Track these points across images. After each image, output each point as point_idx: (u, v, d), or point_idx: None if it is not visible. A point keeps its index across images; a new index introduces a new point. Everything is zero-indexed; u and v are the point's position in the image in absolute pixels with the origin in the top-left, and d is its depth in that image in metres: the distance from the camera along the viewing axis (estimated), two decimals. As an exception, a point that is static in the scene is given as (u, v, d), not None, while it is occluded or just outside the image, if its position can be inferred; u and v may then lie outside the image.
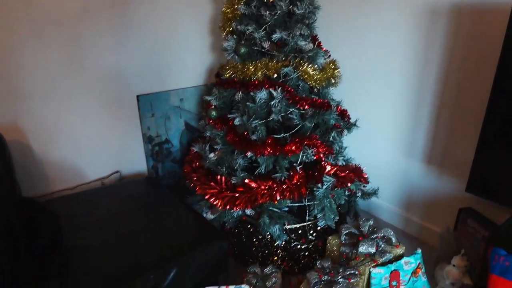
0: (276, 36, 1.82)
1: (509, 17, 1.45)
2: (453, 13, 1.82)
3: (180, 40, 2.31)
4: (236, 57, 1.94)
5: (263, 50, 1.90)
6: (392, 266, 1.73)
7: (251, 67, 1.87)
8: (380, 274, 1.71)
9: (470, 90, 1.85)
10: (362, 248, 1.78)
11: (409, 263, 1.76)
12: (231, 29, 1.99)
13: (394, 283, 1.74)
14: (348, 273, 1.68)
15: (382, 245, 1.82)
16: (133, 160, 2.34)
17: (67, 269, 1.42)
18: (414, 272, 1.78)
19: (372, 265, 1.73)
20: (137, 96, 2.22)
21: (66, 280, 1.38)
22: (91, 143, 2.13)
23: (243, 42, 1.90)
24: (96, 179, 2.21)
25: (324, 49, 2.00)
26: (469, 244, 1.90)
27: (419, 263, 1.79)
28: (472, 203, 1.94)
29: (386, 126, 2.29)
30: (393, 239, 1.84)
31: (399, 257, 1.80)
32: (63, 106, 1.98)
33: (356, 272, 1.69)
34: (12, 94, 1.82)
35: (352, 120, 2.05)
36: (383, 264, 1.74)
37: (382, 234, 1.85)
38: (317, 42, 1.98)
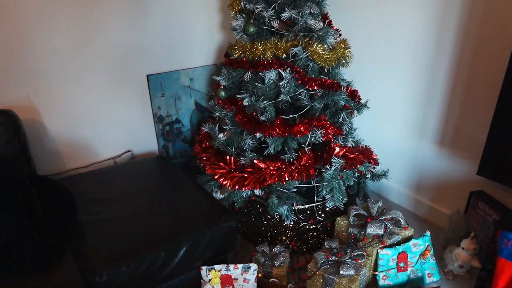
0: (285, 14, 1.79)
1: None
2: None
3: (189, 19, 2.28)
4: (245, 36, 1.92)
5: (272, 29, 1.87)
6: (400, 248, 1.73)
7: (260, 47, 1.85)
8: (387, 255, 1.72)
9: (484, 70, 1.80)
10: (370, 230, 1.78)
11: (418, 245, 1.76)
12: (239, 7, 1.95)
13: (401, 264, 1.74)
14: (355, 253, 1.70)
15: (390, 227, 1.83)
16: (144, 139, 2.36)
17: (80, 242, 1.46)
18: (423, 254, 1.78)
19: (380, 246, 1.74)
20: (147, 76, 2.22)
21: (79, 252, 1.42)
22: (104, 122, 2.16)
23: (252, 21, 1.87)
24: (108, 158, 2.24)
25: (334, 27, 1.96)
26: (479, 227, 1.89)
27: (428, 245, 1.79)
28: (482, 186, 1.92)
29: (398, 107, 2.25)
30: (402, 221, 1.84)
31: (408, 239, 1.80)
32: (74, 84, 2.00)
33: (364, 253, 1.70)
34: (25, 73, 1.84)
35: (362, 101, 2.02)
36: (391, 246, 1.75)
37: (390, 216, 1.85)
38: (327, 21, 1.93)
